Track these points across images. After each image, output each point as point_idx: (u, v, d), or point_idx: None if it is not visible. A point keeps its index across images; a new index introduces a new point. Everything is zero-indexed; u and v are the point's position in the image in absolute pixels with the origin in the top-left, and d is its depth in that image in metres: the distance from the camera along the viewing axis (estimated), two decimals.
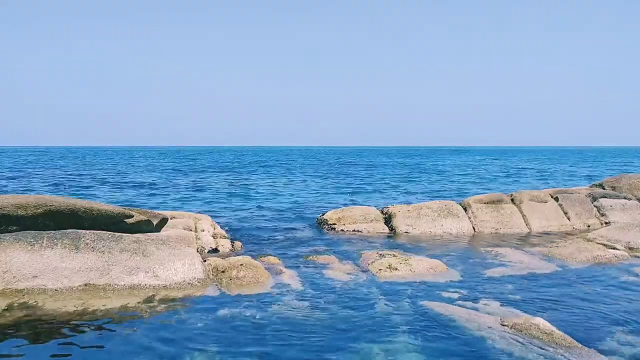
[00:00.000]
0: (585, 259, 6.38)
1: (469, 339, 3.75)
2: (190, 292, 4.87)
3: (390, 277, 5.51)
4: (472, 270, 5.86)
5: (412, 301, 4.65)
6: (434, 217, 8.70)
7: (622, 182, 10.50)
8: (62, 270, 4.80)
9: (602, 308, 4.53)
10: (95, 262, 4.94)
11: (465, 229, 8.58)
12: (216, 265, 5.43)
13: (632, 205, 9.51)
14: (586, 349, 3.57)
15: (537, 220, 8.92)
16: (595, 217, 9.28)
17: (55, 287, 4.67)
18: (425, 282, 5.31)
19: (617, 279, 5.54)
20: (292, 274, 5.55)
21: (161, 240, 5.63)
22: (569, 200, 9.47)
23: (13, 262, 4.76)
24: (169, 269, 5.08)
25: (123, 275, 4.89)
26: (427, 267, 5.82)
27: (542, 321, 3.92)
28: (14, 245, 4.90)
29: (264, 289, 4.98)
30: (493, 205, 9.10)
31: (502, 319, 4.09)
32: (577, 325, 4.07)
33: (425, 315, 4.26)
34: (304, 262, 6.23)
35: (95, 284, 4.76)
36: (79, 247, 5.02)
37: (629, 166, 36.25)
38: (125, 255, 5.09)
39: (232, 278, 5.20)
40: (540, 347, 3.57)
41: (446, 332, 3.91)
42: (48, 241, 5.00)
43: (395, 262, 5.88)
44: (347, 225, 8.69)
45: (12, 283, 4.63)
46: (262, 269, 5.49)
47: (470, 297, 4.77)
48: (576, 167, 35.70)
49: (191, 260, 5.28)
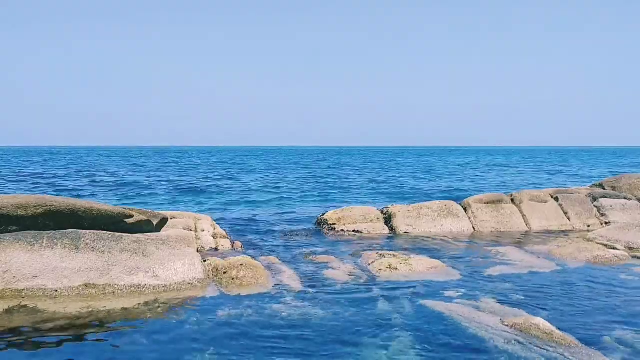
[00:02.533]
0: (585, 258, 6.38)
1: (469, 339, 3.75)
2: (190, 292, 4.87)
3: (390, 277, 5.51)
4: (472, 270, 5.87)
5: (412, 301, 4.65)
6: (434, 217, 8.70)
7: (622, 182, 10.50)
8: (62, 270, 4.79)
9: (602, 308, 4.53)
10: (95, 262, 4.94)
11: (465, 228, 8.58)
12: (216, 265, 5.43)
13: (632, 206, 9.50)
14: (586, 349, 3.57)
15: (537, 220, 8.92)
16: (595, 217, 9.28)
17: (55, 287, 4.66)
18: (425, 282, 5.31)
19: (617, 279, 5.53)
20: (292, 274, 5.55)
21: (161, 240, 5.63)
22: (569, 200, 9.47)
23: (13, 262, 4.76)
24: (169, 269, 5.08)
25: (123, 275, 4.89)
26: (427, 267, 5.82)
27: (542, 321, 3.92)
28: (14, 245, 4.90)
29: (264, 289, 4.97)
30: (493, 205, 9.10)
31: (502, 318, 4.09)
32: (577, 325, 4.07)
33: (425, 315, 4.26)
34: (304, 262, 6.23)
35: (95, 284, 4.76)
36: (79, 247, 5.02)
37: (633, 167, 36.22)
38: (125, 255, 5.08)
39: (232, 278, 5.20)
40: (540, 346, 3.57)
41: (446, 331, 3.91)
42: (48, 241, 5.00)
43: (395, 262, 5.88)
44: (347, 226, 8.69)
45: (12, 283, 4.63)
46: (262, 269, 5.49)
47: (470, 297, 4.77)
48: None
49: (191, 260, 5.28)
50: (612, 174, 24.14)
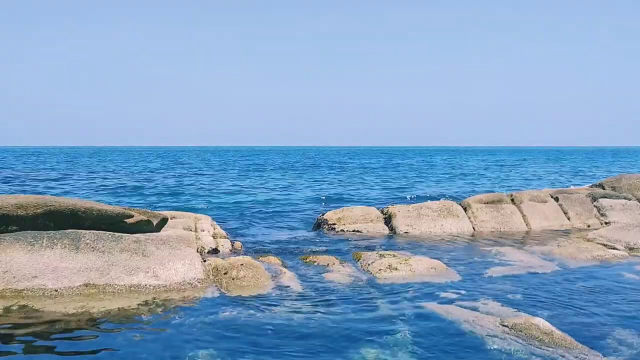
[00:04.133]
0: (585, 258, 6.38)
1: (469, 339, 3.75)
2: (190, 292, 4.87)
3: (390, 277, 5.51)
4: (472, 270, 5.86)
5: (412, 301, 4.64)
6: (434, 217, 8.70)
7: (622, 182, 10.50)
8: (62, 270, 4.79)
9: (602, 308, 4.53)
10: (95, 262, 4.94)
11: (465, 229, 8.58)
12: (216, 265, 5.43)
13: (632, 206, 9.50)
14: (586, 349, 3.57)
15: (537, 220, 8.92)
16: (595, 217, 9.28)
17: (55, 287, 4.66)
18: (425, 282, 5.31)
19: (617, 279, 5.53)
20: (292, 275, 5.55)
21: (161, 240, 5.63)
22: (569, 200, 9.47)
23: (13, 262, 4.76)
24: (169, 269, 5.08)
25: (123, 276, 4.89)
26: (427, 267, 5.82)
27: (542, 321, 3.92)
28: (14, 245, 4.90)
29: (264, 290, 4.97)
30: (493, 205, 9.10)
31: (502, 319, 4.09)
32: (577, 325, 4.07)
33: (425, 316, 4.26)
34: (304, 263, 6.23)
35: (95, 284, 4.76)
36: (79, 247, 5.02)
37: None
38: (125, 255, 5.08)
39: (232, 278, 5.19)
40: (540, 347, 3.57)
41: (446, 332, 3.91)
42: (48, 241, 5.00)
43: (395, 262, 5.88)
44: (347, 226, 8.69)
45: (12, 283, 4.63)
46: (262, 269, 5.49)
47: (470, 297, 4.77)
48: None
49: (191, 260, 5.28)
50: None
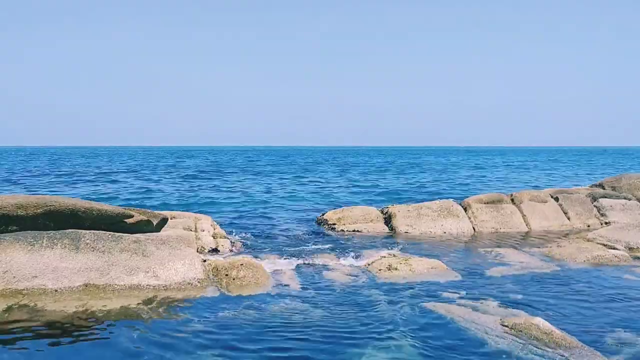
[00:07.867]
0: (585, 259, 6.38)
1: (469, 339, 3.75)
2: (190, 292, 4.87)
3: (390, 277, 5.51)
4: (472, 270, 5.86)
5: (412, 301, 4.65)
6: (434, 217, 8.70)
7: (622, 182, 10.49)
8: (62, 270, 4.80)
9: (602, 308, 4.53)
10: (95, 262, 4.94)
11: (465, 229, 8.58)
12: (216, 265, 5.43)
13: (632, 205, 9.50)
14: (586, 349, 3.57)
15: (537, 220, 8.91)
16: (595, 217, 9.28)
17: (55, 287, 4.67)
18: (425, 282, 5.31)
19: (617, 279, 5.53)
20: (292, 274, 5.55)
21: (161, 240, 5.63)
22: (569, 200, 9.46)
23: (13, 262, 4.76)
24: (169, 269, 5.08)
25: (123, 276, 4.89)
26: (427, 267, 5.82)
27: (542, 321, 3.92)
28: (14, 245, 4.90)
29: (264, 289, 4.98)
30: (493, 205, 9.09)
31: (502, 318, 4.09)
32: (576, 325, 4.07)
33: (425, 315, 4.26)
34: (304, 263, 6.22)
35: (95, 284, 4.76)
36: (79, 247, 5.02)
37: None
38: (125, 255, 5.09)
39: (232, 278, 5.19)
40: (540, 347, 3.57)
41: (446, 332, 3.91)
42: (48, 241, 5.00)
43: (395, 262, 5.88)
44: (347, 225, 8.69)
45: (12, 283, 4.63)
46: (262, 269, 5.49)
47: (470, 297, 4.77)
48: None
49: (191, 260, 5.28)
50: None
